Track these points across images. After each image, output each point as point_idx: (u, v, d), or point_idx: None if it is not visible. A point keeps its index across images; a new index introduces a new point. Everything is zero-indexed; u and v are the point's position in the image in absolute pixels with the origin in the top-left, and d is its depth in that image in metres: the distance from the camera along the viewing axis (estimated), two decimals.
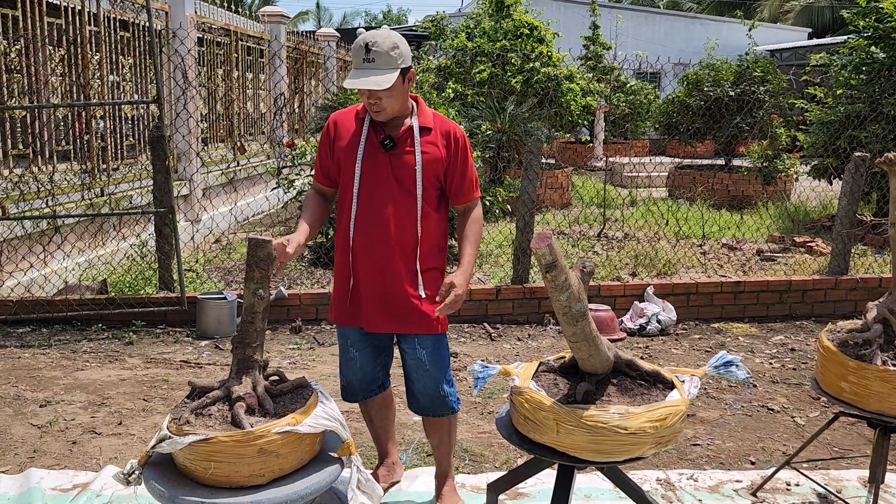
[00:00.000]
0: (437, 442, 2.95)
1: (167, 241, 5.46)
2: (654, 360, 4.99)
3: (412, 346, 2.78)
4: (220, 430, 2.42)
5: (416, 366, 2.80)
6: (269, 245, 2.58)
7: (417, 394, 2.86)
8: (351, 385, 2.93)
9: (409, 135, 2.67)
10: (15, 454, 3.35)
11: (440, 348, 2.79)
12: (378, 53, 2.52)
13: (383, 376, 2.96)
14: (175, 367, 4.54)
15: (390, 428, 3.10)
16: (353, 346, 2.86)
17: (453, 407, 2.85)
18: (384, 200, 2.65)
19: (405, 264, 2.70)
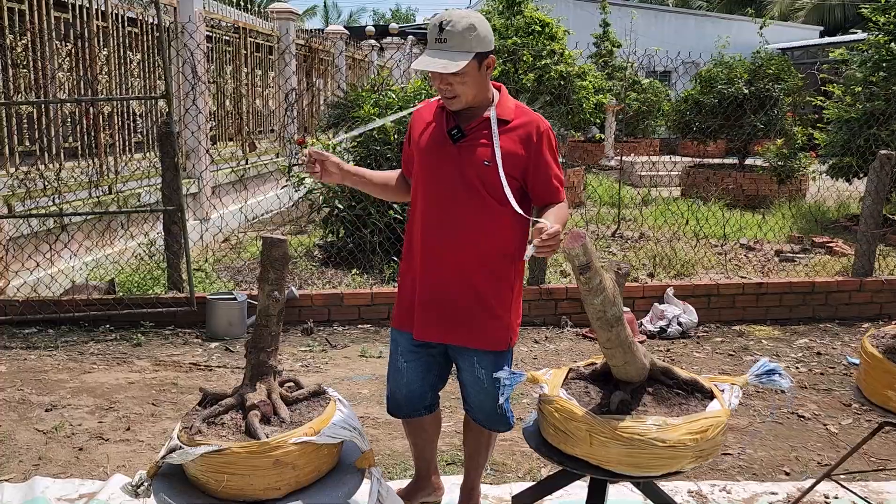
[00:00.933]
0: (473, 451, 2.80)
1: (176, 239, 5.34)
2: (676, 364, 4.85)
3: (469, 364, 2.59)
4: (233, 441, 2.30)
5: (474, 383, 2.61)
6: (284, 245, 2.45)
7: (473, 405, 2.68)
8: (395, 398, 2.76)
9: (483, 126, 2.46)
10: (20, 461, 3.23)
11: (502, 366, 2.52)
12: (451, 34, 2.33)
13: (432, 398, 2.76)
14: (184, 370, 4.41)
15: (431, 452, 2.91)
16: (403, 356, 2.68)
17: (510, 422, 2.69)
18: (449, 197, 2.46)
19: (468, 270, 2.49)
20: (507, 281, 2.55)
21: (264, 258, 2.45)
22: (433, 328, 2.57)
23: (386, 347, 4.93)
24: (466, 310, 2.53)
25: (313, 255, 7.33)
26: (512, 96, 2.60)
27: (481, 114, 2.48)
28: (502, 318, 2.56)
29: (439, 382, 2.75)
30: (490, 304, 2.53)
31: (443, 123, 2.52)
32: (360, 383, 4.30)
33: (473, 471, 2.84)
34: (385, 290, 5.57)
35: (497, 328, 2.55)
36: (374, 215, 6.45)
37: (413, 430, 2.83)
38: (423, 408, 2.75)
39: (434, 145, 2.52)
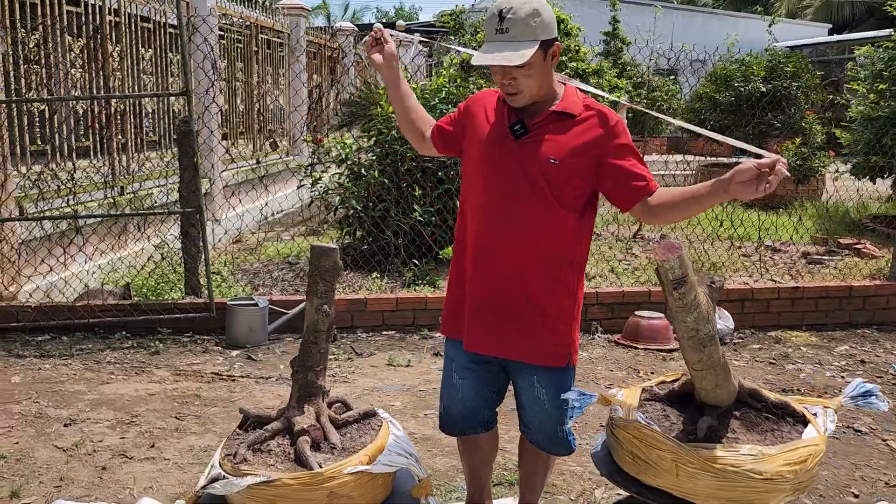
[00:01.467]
0: (529, 474, 2.59)
1: (194, 242, 5.14)
2: None
3: (529, 383, 2.38)
4: (283, 471, 2.10)
5: (533, 403, 2.41)
6: (334, 254, 2.26)
7: (531, 426, 2.47)
8: (449, 414, 2.55)
9: (548, 121, 2.26)
10: (40, 482, 3.03)
11: (564, 386, 2.35)
12: (513, 22, 2.14)
13: (488, 415, 2.55)
14: (206, 381, 4.21)
15: (486, 474, 2.70)
16: (458, 373, 2.48)
17: (572, 446, 2.48)
18: (509, 198, 2.25)
19: (525, 269, 2.28)
20: (567, 287, 2.34)
21: (313, 269, 2.26)
22: (485, 339, 2.37)
23: (413, 355, 4.74)
24: (521, 316, 2.31)
25: None
26: None
27: (546, 108, 2.28)
28: (561, 330, 2.35)
29: (497, 398, 2.55)
30: (547, 313, 2.32)
31: (504, 118, 2.32)
32: (392, 394, 4.10)
33: (529, 495, 2.64)
34: (409, 295, 5.37)
35: (555, 341, 2.34)
36: (394, 216, 6.26)
37: (468, 448, 2.63)
38: (479, 424, 2.55)
39: (494, 140, 2.32)
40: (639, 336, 5.14)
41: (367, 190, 6.48)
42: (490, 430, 2.59)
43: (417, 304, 5.31)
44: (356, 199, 6.45)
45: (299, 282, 6.09)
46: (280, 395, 4.05)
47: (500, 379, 2.50)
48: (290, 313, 5.04)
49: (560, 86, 2.33)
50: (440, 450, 3.42)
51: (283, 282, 6.07)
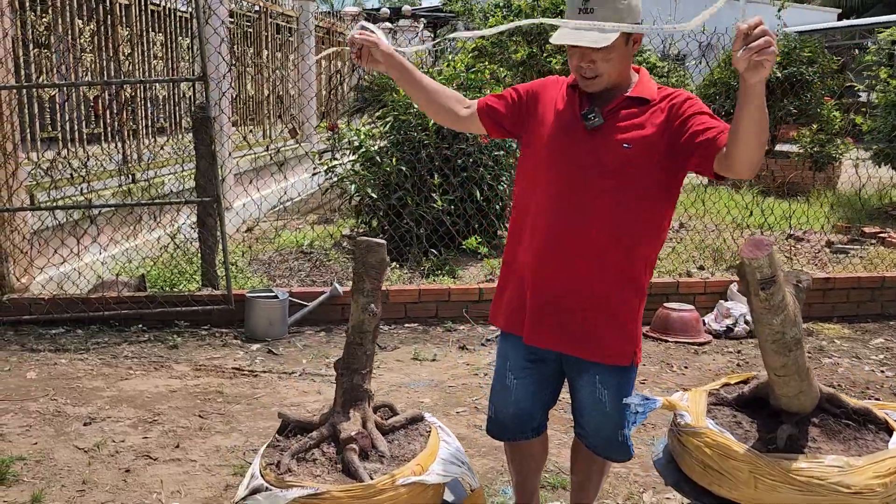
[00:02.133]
0: (583, 479, 2.46)
1: (211, 232, 4.99)
2: (750, 366, 4.51)
3: (589, 383, 2.24)
4: (331, 482, 1.96)
5: (593, 405, 2.27)
6: (382, 250, 2.11)
7: (588, 429, 2.33)
8: (500, 419, 2.41)
9: (622, 107, 2.12)
10: (62, 486, 2.90)
11: (627, 387, 2.23)
12: (601, 2, 2.01)
13: (541, 418, 2.41)
14: (228, 376, 4.08)
15: (535, 482, 2.56)
16: (513, 373, 2.34)
17: (630, 451, 2.34)
18: (580, 188, 2.11)
19: (596, 272, 2.15)
20: (637, 284, 2.21)
21: (358, 265, 2.11)
22: (548, 333, 2.23)
23: (439, 349, 4.60)
24: (587, 312, 2.18)
25: (342, 247, 6.98)
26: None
27: (619, 94, 2.14)
28: (627, 328, 2.21)
29: (551, 401, 2.41)
30: (615, 309, 2.19)
31: (575, 105, 2.18)
32: (420, 390, 3.97)
33: (584, 501, 2.50)
34: (432, 287, 5.22)
35: (621, 339, 2.21)
36: (412, 205, 6.10)
37: (517, 455, 2.49)
38: (530, 430, 2.41)
39: (564, 128, 2.18)
40: (669, 329, 4.99)
41: (384, 178, 6.32)
42: (541, 434, 2.45)
43: (440, 296, 5.16)
44: (372, 187, 6.29)
45: (316, 272, 5.94)
46: (304, 391, 3.92)
47: (557, 379, 2.36)
48: (310, 305, 4.90)
49: (635, 73, 2.18)
50: (477, 450, 3.28)
51: (301, 272, 5.92)
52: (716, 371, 4.41)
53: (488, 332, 4.92)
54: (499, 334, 2.42)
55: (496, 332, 4.93)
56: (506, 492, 2.96)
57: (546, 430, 2.47)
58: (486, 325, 5.07)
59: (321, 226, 7.69)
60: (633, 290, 2.20)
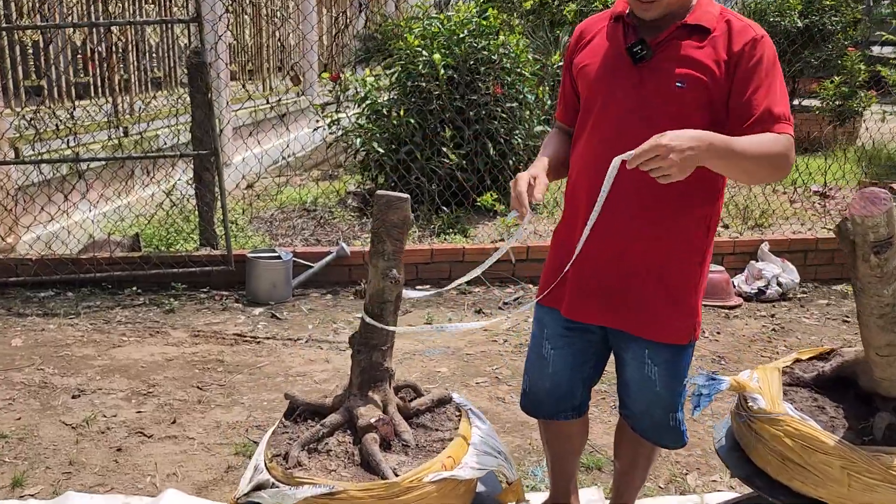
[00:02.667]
0: (629, 466, 2.17)
1: (208, 188, 4.66)
2: (787, 331, 4.22)
3: (638, 358, 1.95)
4: (348, 478, 1.67)
5: (641, 383, 1.97)
6: (405, 206, 1.78)
7: (636, 411, 2.04)
8: (535, 393, 2.11)
9: (675, 37, 1.79)
10: (46, 467, 2.63)
11: (680, 365, 1.94)
12: None
13: (582, 396, 2.12)
14: (229, 343, 3.79)
15: (573, 466, 2.29)
16: (550, 342, 2.04)
17: (684, 437, 2.04)
18: (628, 138, 1.73)
19: (649, 238, 1.84)
20: (698, 250, 1.89)
21: (378, 224, 1.79)
22: (590, 304, 1.93)
23: (454, 313, 4.31)
24: (640, 283, 1.88)
25: (347, 204, 6.66)
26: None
27: (673, 23, 1.79)
28: (687, 301, 1.91)
29: (595, 376, 2.12)
30: (673, 280, 1.88)
31: (620, 39, 1.84)
32: (435, 359, 3.68)
33: (627, 492, 2.22)
34: (445, 246, 4.91)
35: (679, 313, 1.90)
36: (421, 159, 5.75)
37: (554, 436, 2.20)
38: (570, 409, 2.12)
39: (608, 68, 1.85)
40: None
41: (391, 131, 5.96)
42: (582, 415, 2.16)
43: (454, 256, 4.85)
44: (378, 140, 5.94)
45: (321, 231, 5.63)
46: (311, 358, 3.64)
47: (601, 351, 2.07)
48: (315, 266, 4.60)
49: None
50: (501, 426, 3.00)
51: (305, 231, 5.61)
52: (750, 337, 4.12)
53: (505, 295, 4.63)
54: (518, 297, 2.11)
55: (514, 296, 4.64)
56: (536, 472, 2.69)
57: (587, 410, 2.18)
58: (502, 287, 4.77)
59: (325, 182, 7.35)
60: (695, 260, 1.89)
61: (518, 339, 3.92)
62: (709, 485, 2.63)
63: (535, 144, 6.31)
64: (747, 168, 1.72)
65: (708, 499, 2.53)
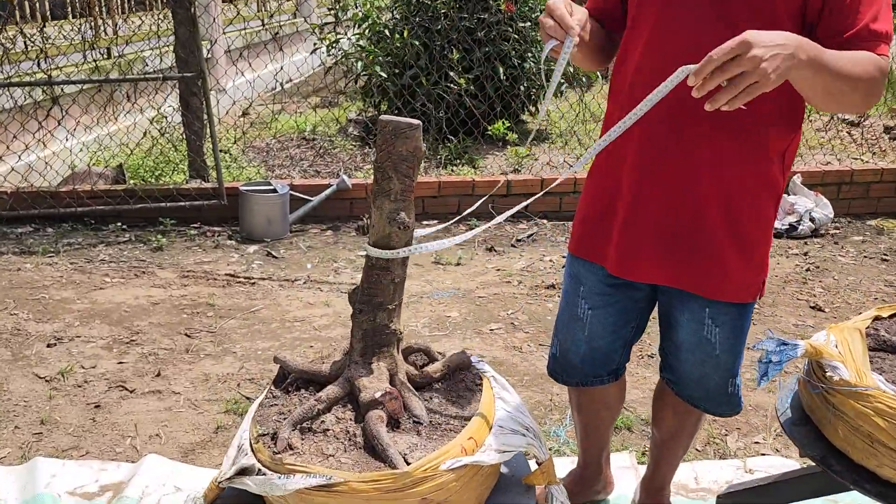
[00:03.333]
0: (671, 435, 1.88)
1: (196, 115, 4.29)
2: (822, 271, 3.92)
3: (697, 318, 1.64)
4: (349, 465, 1.39)
5: (698, 346, 1.67)
6: (416, 134, 1.44)
7: (685, 377, 1.75)
8: (567, 358, 1.82)
9: None
10: (15, 427, 2.36)
11: (744, 324, 1.65)
12: None
13: (620, 358, 1.82)
14: (220, 285, 3.50)
15: (607, 435, 2.02)
16: (587, 300, 1.73)
17: (740, 403, 1.76)
18: (703, 46, 1.29)
19: (715, 176, 1.51)
20: (771, 184, 1.55)
21: (384, 157, 1.45)
22: (644, 258, 1.61)
23: (464, 251, 4.00)
24: (704, 234, 1.55)
25: (348, 132, 6.28)
26: None
27: None
28: (757, 249, 1.59)
29: (635, 336, 1.82)
30: (743, 224, 1.55)
31: None
32: (445, 302, 3.39)
33: (667, 464, 1.95)
34: (453, 179, 4.56)
35: (748, 265, 1.58)
36: (427, 85, 5.34)
37: (587, 402, 1.92)
38: (606, 373, 1.83)
39: None
40: None
41: (394, 54, 5.53)
42: (619, 378, 1.87)
43: (463, 189, 4.52)
44: (381, 64, 5.51)
45: (320, 162, 5.28)
46: (310, 302, 3.35)
47: (646, 308, 1.77)
48: (313, 200, 4.26)
49: None
50: (518, 379, 2.73)
51: (303, 161, 5.26)
52: (784, 277, 3.81)
53: (518, 231, 4.31)
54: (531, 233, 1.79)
55: (527, 232, 4.32)
56: (558, 433, 2.43)
57: (624, 374, 1.89)
58: (515, 223, 4.45)
59: (324, 109, 6.94)
60: (769, 203, 1.56)
61: (533, 281, 3.62)
62: (751, 447, 2.37)
63: (550, 69, 5.88)
64: (840, 89, 1.35)
65: (751, 464, 2.27)
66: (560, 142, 5.73)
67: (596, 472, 2.04)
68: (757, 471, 2.23)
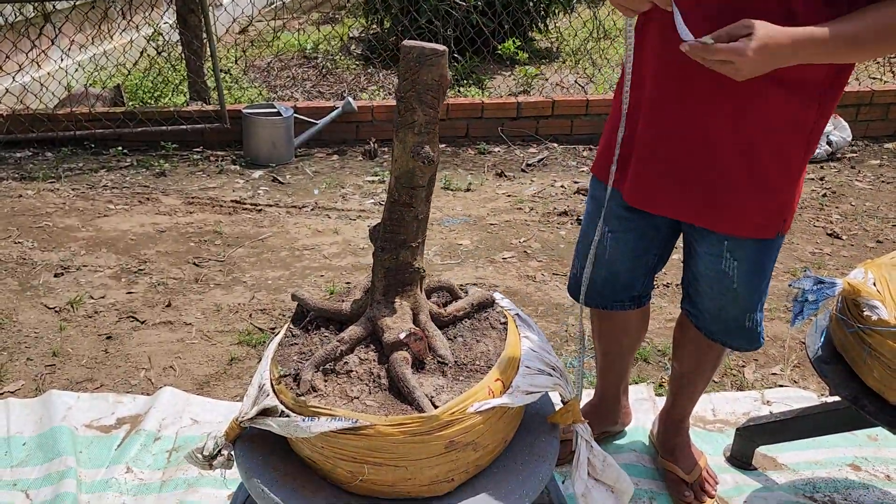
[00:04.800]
0: (691, 369, 1.85)
1: (195, 34, 4.12)
2: (839, 197, 3.84)
3: (715, 251, 1.59)
4: (375, 408, 1.36)
5: (716, 278, 1.63)
6: (442, 62, 1.35)
7: (704, 309, 1.71)
8: (588, 278, 1.77)
9: None
10: (27, 359, 2.34)
11: (766, 259, 1.59)
12: None
13: (644, 284, 1.79)
14: (227, 212, 3.43)
15: (626, 364, 1.99)
16: (607, 224, 1.69)
17: (761, 338, 1.71)
18: None
19: (737, 103, 1.41)
20: (802, 125, 1.45)
21: (406, 86, 1.36)
22: (656, 190, 1.56)
23: (473, 176, 3.92)
24: (723, 166, 1.48)
25: (350, 51, 6.08)
26: None
27: None
28: (783, 188, 1.51)
29: (659, 264, 1.78)
30: (766, 164, 1.47)
31: None
32: (456, 230, 3.33)
33: (686, 398, 1.93)
34: (461, 101, 4.43)
35: (769, 202, 1.51)
36: (433, 1, 5.13)
37: (608, 328, 1.90)
38: (628, 299, 1.80)
39: None
40: None
41: None
42: (643, 305, 1.84)
43: (471, 112, 4.39)
44: None
45: (324, 83, 5.12)
46: (319, 229, 3.29)
47: (669, 237, 1.73)
48: (319, 124, 4.15)
49: None
50: (533, 309, 2.70)
51: (306, 81, 5.10)
52: (800, 203, 3.74)
53: (528, 156, 4.21)
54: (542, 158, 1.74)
55: (538, 157, 4.22)
56: (573, 364, 2.41)
57: (648, 303, 1.85)
58: (525, 146, 4.34)
59: (326, 26, 6.71)
60: (796, 137, 1.45)
61: (545, 207, 3.55)
62: (768, 378, 2.36)
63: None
64: (865, 55, 1.30)
65: (769, 395, 2.26)
66: (571, 61, 5.55)
67: (614, 403, 2.03)
68: (775, 402, 2.23)
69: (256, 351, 2.39)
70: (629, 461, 2.00)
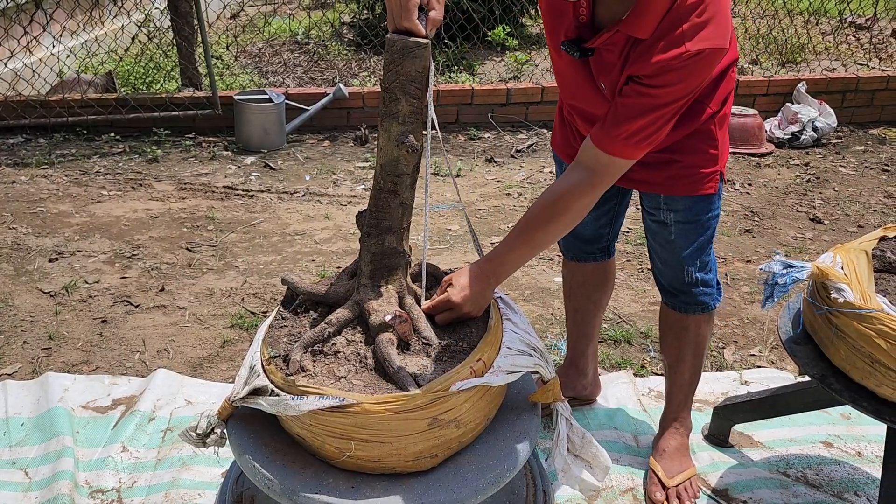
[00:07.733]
0: (674, 359, 1.93)
1: (186, 20, 4.14)
2: (822, 182, 3.91)
3: (654, 203, 1.77)
4: (361, 387, 1.42)
5: (658, 230, 1.80)
6: (426, 53, 1.40)
7: (658, 263, 1.87)
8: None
9: (611, 42, 1.46)
10: (24, 343, 2.39)
11: (700, 213, 1.73)
12: None
13: (609, 235, 2.00)
14: (219, 198, 3.47)
15: (593, 324, 2.10)
16: None
17: (705, 302, 1.82)
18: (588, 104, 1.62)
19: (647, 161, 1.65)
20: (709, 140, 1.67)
21: (391, 77, 1.41)
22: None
23: (463, 162, 3.98)
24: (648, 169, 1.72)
25: (342, 36, 6.10)
26: None
27: (619, 17, 1.41)
28: (705, 159, 1.68)
29: (619, 214, 1.99)
30: (680, 155, 1.68)
31: (570, 24, 1.51)
32: (445, 215, 3.39)
33: (679, 389, 1.95)
34: (451, 87, 4.47)
35: (694, 175, 1.69)
36: None
37: (579, 283, 2.06)
38: (597, 250, 2.02)
39: (558, 45, 1.56)
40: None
41: None
42: (609, 257, 2.04)
43: (461, 98, 4.43)
44: None
45: (316, 69, 5.14)
46: (310, 214, 3.34)
47: (623, 192, 1.92)
48: (310, 110, 4.18)
49: None
50: (520, 293, 2.76)
51: (297, 67, 5.13)
52: (784, 189, 3.81)
53: (518, 142, 4.25)
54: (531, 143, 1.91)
55: (527, 142, 4.27)
56: (559, 346, 2.48)
57: (614, 256, 2.06)
58: (514, 132, 4.39)
59: (317, 12, 6.71)
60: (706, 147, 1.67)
61: (533, 193, 3.61)
62: (747, 360, 2.43)
63: None
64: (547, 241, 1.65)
65: (747, 376, 2.33)
66: None
67: (583, 366, 2.12)
68: (753, 383, 2.30)
69: (248, 334, 2.44)
70: (610, 438, 2.07)
